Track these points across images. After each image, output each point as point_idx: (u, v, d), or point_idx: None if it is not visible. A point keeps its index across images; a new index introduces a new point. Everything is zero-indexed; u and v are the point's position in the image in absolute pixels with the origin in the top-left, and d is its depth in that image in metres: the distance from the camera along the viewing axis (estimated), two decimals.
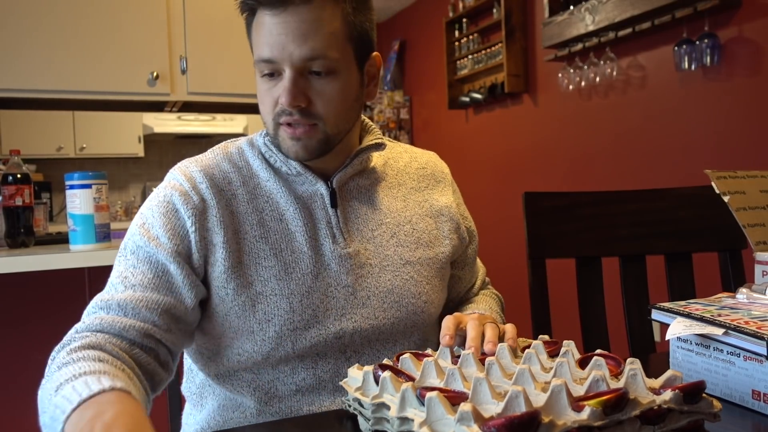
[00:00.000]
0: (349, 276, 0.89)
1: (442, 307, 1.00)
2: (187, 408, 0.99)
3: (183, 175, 0.88)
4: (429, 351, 0.77)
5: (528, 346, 0.76)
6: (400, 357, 0.73)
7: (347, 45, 0.84)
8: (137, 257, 0.83)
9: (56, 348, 0.76)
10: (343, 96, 0.85)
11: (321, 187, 0.90)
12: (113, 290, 0.81)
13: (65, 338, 0.78)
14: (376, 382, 0.66)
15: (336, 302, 0.88)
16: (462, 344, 0.80)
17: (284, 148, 0.86)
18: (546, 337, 0.82)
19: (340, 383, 0.72)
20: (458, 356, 0.72)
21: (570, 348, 0.75)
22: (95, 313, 0.80)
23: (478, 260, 1.11)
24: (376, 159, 0.97)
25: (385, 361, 0.74)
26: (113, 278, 0.83)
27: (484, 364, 0.69)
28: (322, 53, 0.80)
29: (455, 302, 1.08)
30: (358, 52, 0.86)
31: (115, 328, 0.77)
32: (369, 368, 0.68)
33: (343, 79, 0.84)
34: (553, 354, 0.76)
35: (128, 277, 0.82)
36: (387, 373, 0.64)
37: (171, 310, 0.81)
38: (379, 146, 0.93)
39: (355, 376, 0.70)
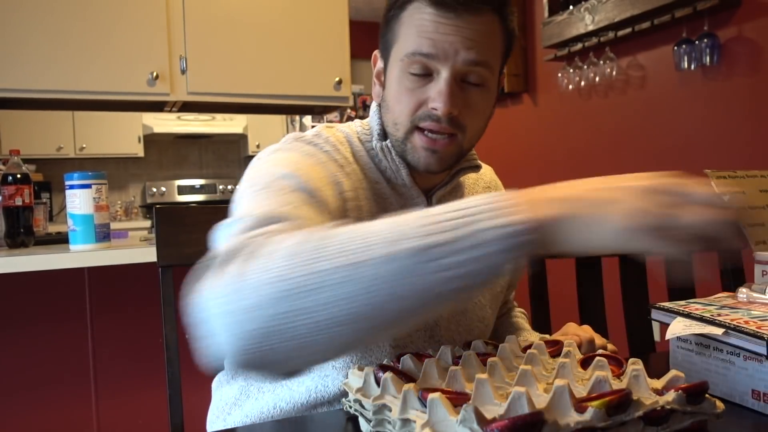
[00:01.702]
0: None
1: (492, 328, 1.00)
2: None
3: (334, 144, 0.82)
4: (429, 351, 0.77)
5: (529, 346, 0.76)
6: (401, 357, 0.73)
7: (498, 63, 0.82)
8: (300, 196, 0.66)
9: (222, 258, 0.52)
10: (486, 111, 0.83)
11: (422, 204, 0.86)
12: (276, 210, 0.61)
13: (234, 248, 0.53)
14: (377, 383, 0.66)
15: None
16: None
17: (415, 157, 0.81)
18: (547, 337, 0.81)
19: (341, 384, 0.72)
20: (459, 357, 0.72)
21: (571, 348, 0.74)
22: (265, 226, 0.57)
23: None
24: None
25: (386, 362, 0.73)
26: (266, 205, 0.63)
27: (485, 365, 0.69)
28: (485, 62, 0.78)
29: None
30: (500, 71, 0.85)
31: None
32: (370, 369, 0.67)
33: (489, 95, 0.82)
34: (554, 354, 0.76)
35: (292, 202, 0.64)
36: (388, 374, 0.64)
37: None
38: (477, 168, 0.90)
39: (356, 376, 0.70)
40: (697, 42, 2.41)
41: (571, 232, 0.48)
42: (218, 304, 0.49)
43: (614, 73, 2.85)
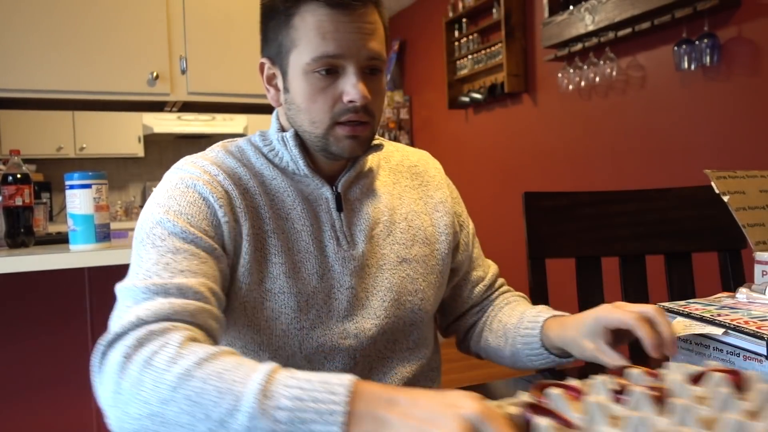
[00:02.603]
0: (352, 278, 0.89)
1: (438, 304, 1.00)
2: None
3: (197, 169, 0.86)
4: (574, 383, 0.63)
5: (700, 376, 0.63)
6: (547, 391, 0.59)
7: (385, 51, 0.88)
8: (175, 242, 0.77)
9: (126, 343, 0.65)
10: (384, 95, 0.89)
11: (326, 191, 0.90)
12: (157, 277, 0.74)
13: (133, 332, 0.67)
14: (527, 428, 0.53)
15: (339, 304, 0.88)
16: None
17: (339, 147, 0.85)
18: (714, 364, 0.68)
19: None
20: (617, 391, 0.59)
21: None
22: (153, 298, 0.71)
23: (488, 260, 1.10)
24: (371, 158, 0.97)
25: (528, 398, 0.59)
26: (149, 265, 0.75)
27: (660, 404, 0.55)
28: (382, 52, 0.85)
29: (474, 301, 1.05)
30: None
31: (187, 314, 0.71)
32: (514, 410, 0.55)
33: (384, 79, 0.88)
34: (740, 387, 0.61)
35: (170, 263, 0.75)
36: (547, 422, 0.52)
37: (223, 300, 0.80)
38: (378, 147, 0.93)
39: None
40: (697, 42, 2.41)
41: None
42: (112, 406, 0.64)
43: (614, 73, 2.85)
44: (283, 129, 0.92)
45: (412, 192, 1.00)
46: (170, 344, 0.64)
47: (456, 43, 4.05)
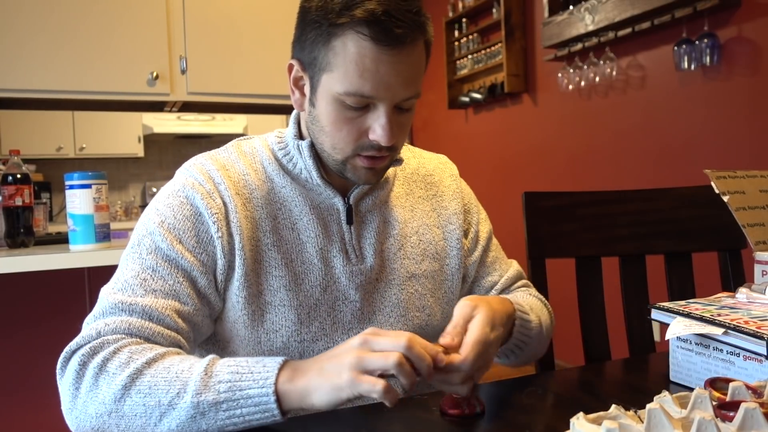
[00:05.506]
0: (357, 292, 0.88)
1: (447, 318, 0.96)
2: None
3: (201, 174, 0.85)
4: (666, 394, 0.59)
5: None
6: (650, 409, 0.53)
7: (421, 80, 0.85)
8: (157, 258, 0.80)
9: (82, 353, 0.74)
10: (410, 124, 0.87)
11: (338, 203, 0.89)
12: (131, 292, 0.78)
13: (90, 343, 0.75)
14: None
15: (343, 316, 0.87)
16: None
17: (356, 175, 0.84)
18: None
19: None
20: (719, 405, 0.55)
21: None
22: (117, 315, 0.77)
23: (511, 261, 1.08)
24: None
25: (625, 414, 0.54)
26: (128, 277, 0.80)
27: None
28: (418, 91, 0.82)
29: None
30: None
31: (144, 334, 0.76)
32: (611, 424, 0.50)
33: (413, 111, 0.86)
34: None
35: (147, 279, 0.79)
36: None
37: (192, 318, 0.81)
38: (398, 162, 0.91)
39: (587, 430, 0.53)
40: (697, 42, 2.41)
41: (309, 398, 0.66)
42: (71, 409, 0.75)
43: (614, 73, 2.85)
44: (300, 134, 0.90)
45: (425, 203, 0.98)
46: (122, 351, 0.72)
47: (456, 43, 4.05)
